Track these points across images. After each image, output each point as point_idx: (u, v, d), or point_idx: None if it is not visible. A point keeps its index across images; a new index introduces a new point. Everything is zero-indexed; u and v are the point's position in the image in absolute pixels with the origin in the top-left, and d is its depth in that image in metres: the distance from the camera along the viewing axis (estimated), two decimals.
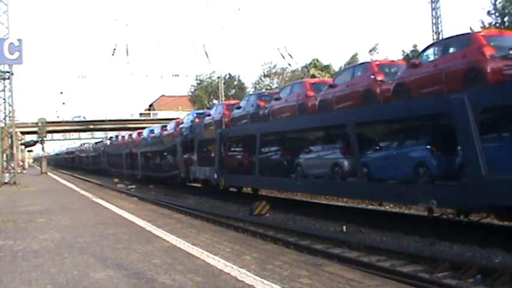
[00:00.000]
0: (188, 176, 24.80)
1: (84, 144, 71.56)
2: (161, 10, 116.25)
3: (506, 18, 27.24)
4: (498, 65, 9.55)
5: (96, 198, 18.26)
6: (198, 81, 63.71)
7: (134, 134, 39.93)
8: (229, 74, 63.99)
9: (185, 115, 30.90)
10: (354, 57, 50.32)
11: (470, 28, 28.67)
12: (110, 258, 7.34)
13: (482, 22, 28.11)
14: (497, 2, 27.45)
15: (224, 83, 58.71)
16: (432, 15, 28.30)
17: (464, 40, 10.67)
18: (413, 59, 15.02)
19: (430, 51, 11.81)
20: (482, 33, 11.10)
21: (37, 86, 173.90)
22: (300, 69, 51.98)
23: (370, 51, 48.23)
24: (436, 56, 11.30)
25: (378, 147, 12.98)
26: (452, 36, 11.76)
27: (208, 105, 60.08)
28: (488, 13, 27.76)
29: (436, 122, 11.38)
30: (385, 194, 12.48)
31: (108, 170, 46.31)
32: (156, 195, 25.57)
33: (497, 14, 27.55)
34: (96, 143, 65.60)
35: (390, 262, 9.26)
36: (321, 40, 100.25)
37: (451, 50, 10.96)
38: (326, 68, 51.03)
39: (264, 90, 58.82)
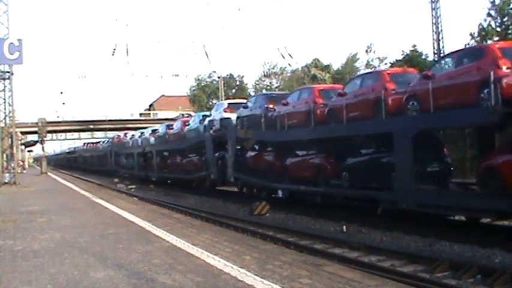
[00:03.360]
0: (220, 177, 21.86)
1: (87, 143, 66.89)
2: (161, 10, 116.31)
3: (505, 19, 27.21)
4: None
5: (96, 198, 18.26)
6: (197, 82, 63.68)
7: (147, 131, 35.99)
8: (231, 74, 63.99)
9: (216, 104, 26.96)
10: (354, 56, 50.26)
11: (471, 34, 28.62)
12: (110, 258, 7.34)
13: (482, 25, 28.06)
14: (495, 2, 27.41)
15: (224, 83, 58.69)
16: (432, 15, 28.28)
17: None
18: (412, 58, 15.00)
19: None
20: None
21: (37, 86, 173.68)
22: (300, 69, 51.94)
23: (366, 50, 48.25)
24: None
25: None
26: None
27: (207, 105, 60.09)
28: (489, 15, 27.70)
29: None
30: None
31: (116, 171, 42.34)
32: (156, 195, 25.53)
33: (496, 15, 27.52)
34: (100, 141, 61.82)
35: (390, 262, 9.26)
36: (321, 40, 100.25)
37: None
38: (326, 68, 50.97)
39: (264, 90, 58.85)
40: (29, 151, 77.98)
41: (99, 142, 58.43)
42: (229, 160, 20.72)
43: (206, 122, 23.86)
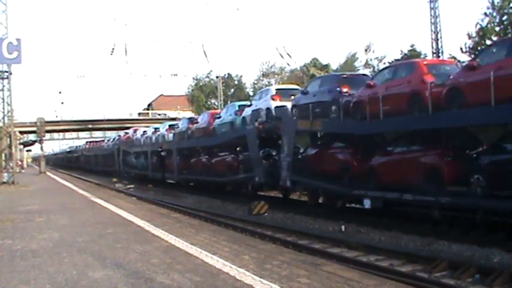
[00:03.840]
0: (268, 181, 17.89)
1: (90, 141, 62.47)
2: (160, 10, 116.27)
3: (504, 18, 27.23)
4: None
5: (94, 198, 18.24)
6: (196, 81, 63.67)
7: (163, 126, 31.97)
8: (229, 73, 64.00)
9: (259, 92, 22.17)
10: (353, 56, 50.33)
11: (468, 34, 28.61)
12: (109, 257, 7.33)
13: (480, 25, 28.08)
14: (495, 1, 27.42)
15: (223, 83, 58.68)
16: (431, 15, 28.31)
17: None
18: (410, 58, 14.76)
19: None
20: None
21: (36, 85, 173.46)
22: (298, 68, 51.96)
23: (365, 50, 48.33)
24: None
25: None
26: None
27: (205, 105, 60.08)
28: (486, 14, 27.70)
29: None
30: None
31: (124, 172, 38.63)
32: (155, 194, 25.52)
33: (494, 14, 27.53)
34: (105, 139, 57.75)
35: (389, 262, 9.26)
36: (320, 39, 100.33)
37: None
38: (325, 67, 51.01)
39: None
40: (27, 151, 77.93)
41: (103, 140, 54.08)
42: (284, 160, 16.59)
43: (245, 113, 19.48)
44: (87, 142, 64.49)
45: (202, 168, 24.36)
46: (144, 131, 35.46)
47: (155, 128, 33.49)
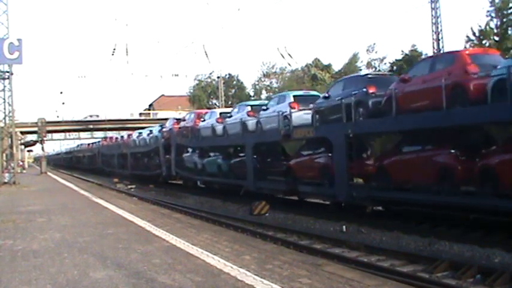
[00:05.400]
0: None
1: (108, 137, 53.33)
2: (161, 10, 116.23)
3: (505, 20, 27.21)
4: None
5: (95, 198, 18.27)
6: (197, 81, 63.76)
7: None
8: (229, 74, 64.06)
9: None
10: (355, 57, 50.34)
11: (467, 37, 28.64)
12: (110, 258, 7.34)
13: (480, 26, 28.10)
14: (495, 3, 27.40)
15: (224, 83, 58.72)
16: (432, 15, 28.32)
17: None
18: (412, 58, 14.55)
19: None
20: None
21: (37, 85, 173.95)
22: (300, 68, 52.02)
23: (367, 50, 48.36)
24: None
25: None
26: None
27: (207, 105, 60.13)
28: (490, 16, 27.65)
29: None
30: None
31: (185, 179, 27.56)
32: (156, 195, 25.54)
33: (493, 15, 27.52)
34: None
35: (390, 262, 9.26)
36: (321, 40, 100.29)
37: None
38: (326, 68, 51.07)
39: (263, 90, 58.89)
40: (28, 151, 77.99)
41: (130, 135, 40.82)
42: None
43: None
44: (104, 138, 55.55)
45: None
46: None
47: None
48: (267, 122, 17.69)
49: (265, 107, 18.63)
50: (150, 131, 33.70)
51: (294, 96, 17.53)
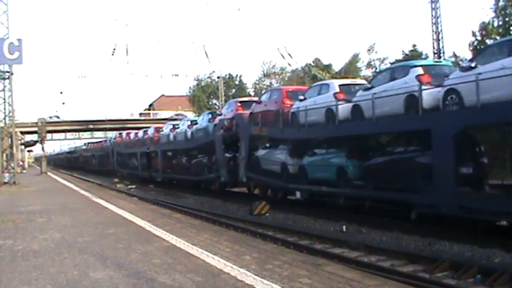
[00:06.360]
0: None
1: (126, 132, 44.51)
2: (161, 10, 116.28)
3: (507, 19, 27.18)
4: None
5: (96, 198, 18.27)
6: (197, 82, 63.75)
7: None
8: (229, 74, 64.06)
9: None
10: (355, 57, 50.32)
11: (473, 32, 28.57)
12: (110, 258, 7.34)
13: (484, 23, 28.04)
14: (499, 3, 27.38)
15: (224, 83, 58.72)
16: (432, 15, 28.28)
17: None
18: (412, 58, 14.51)
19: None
20: None
21: (37, 86, 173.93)
22: (300, 68, 52.00)
23: (368, 50, 48.35)
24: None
25: None
26: None
27: (207, 105, 60.12)
28: (495, 14, 27.54)
29: None
30: None
31: (263, 185, 19.21)
32: (156, 195, 25.53)
33: (497, 14, 27.49)
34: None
35: (390, 262, 9.26)
36: (321, 40, 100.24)
37: None
38: (327, 68, 51.05)
39: (263, 90, 58.83)
40: (28, 151, 78.02)
41: (176, 123, 31.66)
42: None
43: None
44: (119, 133, 47.07)
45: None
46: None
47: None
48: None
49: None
50: (192, 121, 27.38)
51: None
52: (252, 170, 18.86)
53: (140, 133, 36.93)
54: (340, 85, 15.07)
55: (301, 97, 16.10)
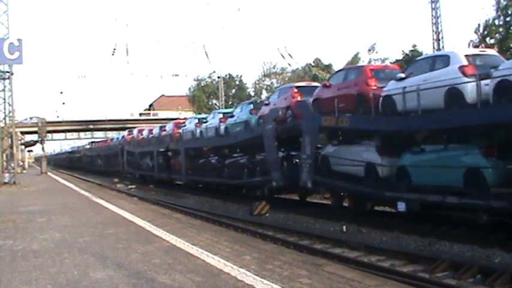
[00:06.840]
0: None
1: (138, 129, 38.55)
2: (161, 10, 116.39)
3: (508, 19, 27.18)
4: None
5: (96, 198, 18.27)
6: (197, 82, 63.78)
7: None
8: (229, 74, 64.08)
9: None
10: (356, 56, 50.35)
11: (476, 30, 28.63)
12: (110, 258, 7.34)
13: (486, 21, 28.05)
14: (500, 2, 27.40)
15: (224, 83, 58.74)
16: (432, 15, 28.27)
17: None
18: (412, 58, 14.56)
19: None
20: None
21: (37, 86, 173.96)
22: (300, 68, 52.02)
23: (369, 50, 48.35)
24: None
25: None
26: None
27: (207, 105, 60.16)
28: (497, 13, 27.56)
29: None
30: None
31: (338, 190, 14.94)
32: (156, 195, 25.51)
33: (498, 14, 27.48)
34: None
35: (390, 262, 9.25)
36: (321, 40, 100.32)
37: None
38: (327, 68, 51.08)
39: (263, 90, 58.91)
40: (29, 151, 78.04)
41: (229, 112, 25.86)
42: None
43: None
44: (129, 131, 42.06)
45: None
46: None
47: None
48: None
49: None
50: (226, 114, 22.37)
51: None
52: (320, 173, 14.81)
53: (155, 129, 32.46)
54: (467, 55, 10.87)
55: (401, 75, 12.16)
